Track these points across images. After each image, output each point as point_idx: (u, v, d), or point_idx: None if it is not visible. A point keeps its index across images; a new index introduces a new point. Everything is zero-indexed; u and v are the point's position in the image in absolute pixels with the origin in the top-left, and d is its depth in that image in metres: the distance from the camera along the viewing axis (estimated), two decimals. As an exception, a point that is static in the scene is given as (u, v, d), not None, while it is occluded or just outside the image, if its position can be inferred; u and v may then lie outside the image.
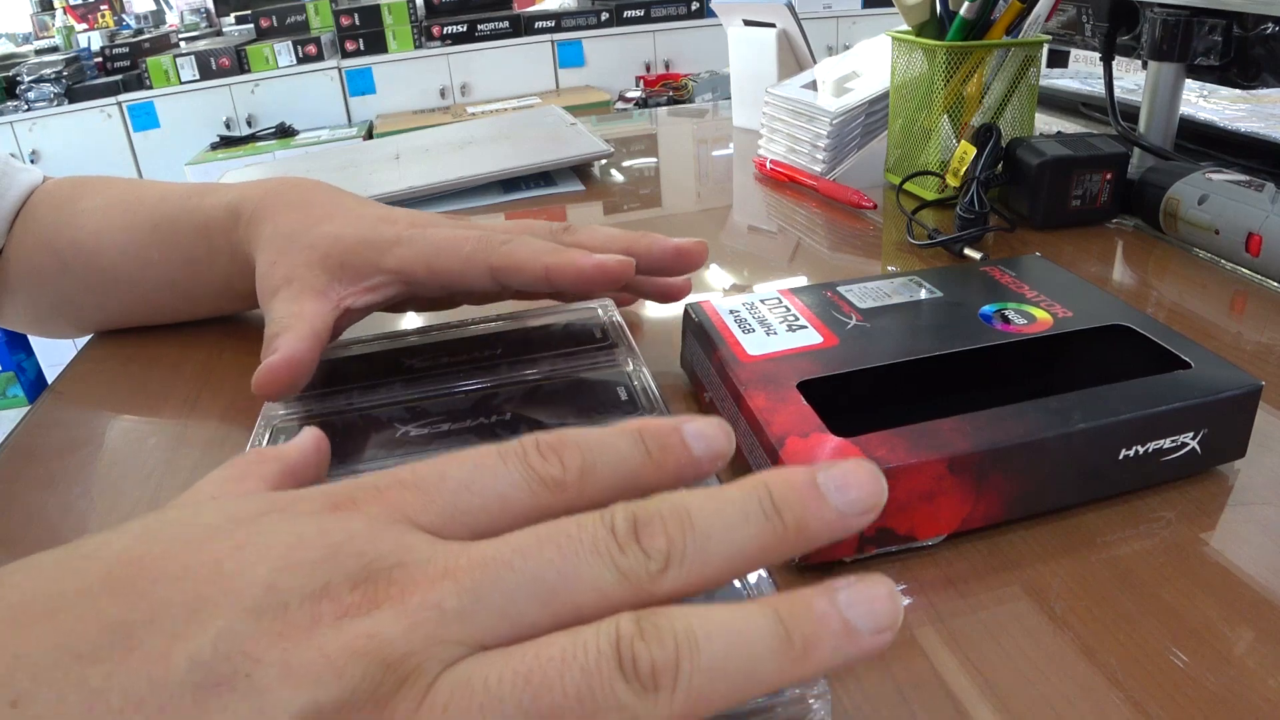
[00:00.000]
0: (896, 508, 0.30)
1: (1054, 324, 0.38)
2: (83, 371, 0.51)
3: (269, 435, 0.38)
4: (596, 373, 0.42)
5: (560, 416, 0.38)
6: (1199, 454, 0.33)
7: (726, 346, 0.38)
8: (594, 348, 0.44)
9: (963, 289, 0.42)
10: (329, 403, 0.41)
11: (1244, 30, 0.60)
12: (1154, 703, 0.25)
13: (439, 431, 0.38)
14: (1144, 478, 0.33)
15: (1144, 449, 0.32)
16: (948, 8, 0.64)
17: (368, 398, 0.41)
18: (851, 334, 0.38)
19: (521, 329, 0.47)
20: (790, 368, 0.36)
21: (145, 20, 3.68)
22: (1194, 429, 0.33)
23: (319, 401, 0.41)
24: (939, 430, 0.31)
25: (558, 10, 3.38)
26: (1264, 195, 0.51)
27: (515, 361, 0.43)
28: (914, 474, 0.30)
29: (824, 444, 0.31)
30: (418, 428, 0.38)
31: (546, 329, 0.47)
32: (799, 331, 0.39)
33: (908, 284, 0.43)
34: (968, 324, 0.39)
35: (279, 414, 0.40)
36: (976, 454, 0.30)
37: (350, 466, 0.35)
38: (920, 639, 0.28)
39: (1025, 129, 0.67)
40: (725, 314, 0.41)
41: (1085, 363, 0.39)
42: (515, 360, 0.43)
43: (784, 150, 0.79)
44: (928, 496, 0.30)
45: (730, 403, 0.36)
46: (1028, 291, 0.41)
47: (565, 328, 0.47)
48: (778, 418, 0.33)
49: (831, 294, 0.42)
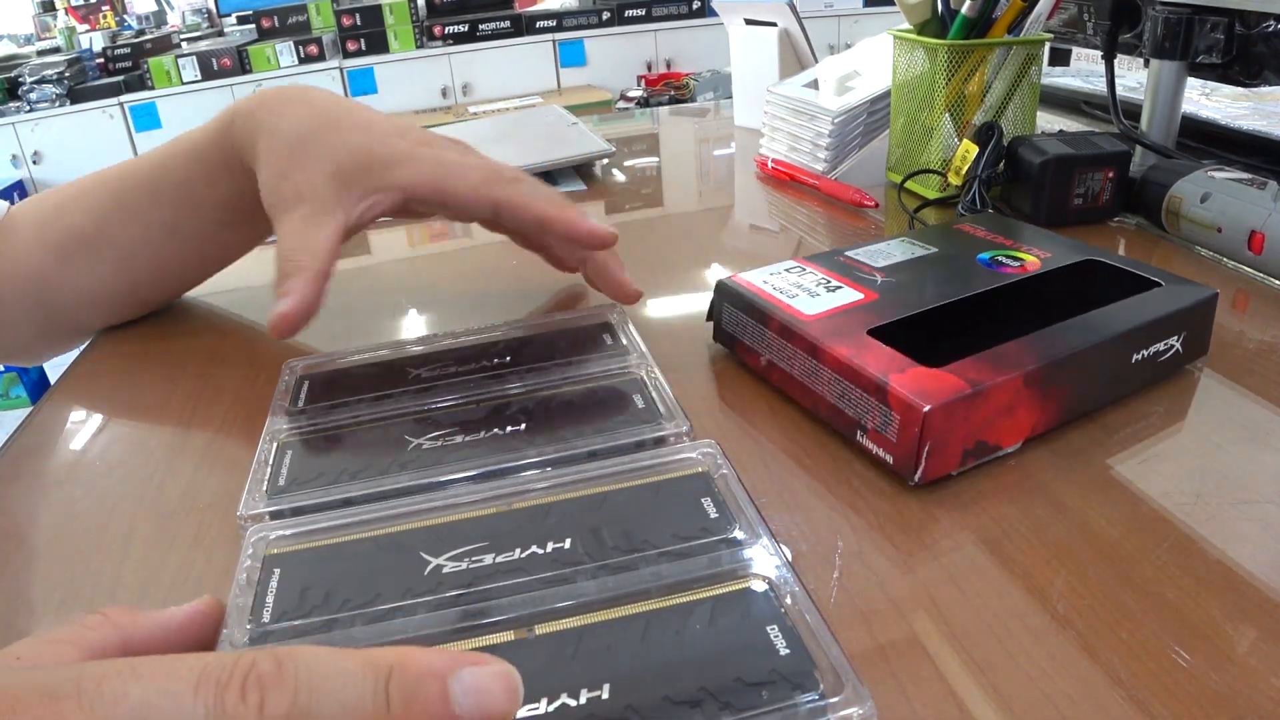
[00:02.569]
0: (989, 421, 0.35)
1: (1041, 264, 0.44)
2: (85, 372, 0.51)
3: (275, 449, 0.38)
4: (610, 379, 0.41)
5: (575, 425, 0.38)
6: (1181, 354, 0.41)
7: (782, 311, 0.41)
8: (605, 354, 0.43)
9: (951, 244, 0.48)
10: (335, 415, 0.40)
11: (1246, 28, 0.60)
12: (1156, 701, 0.25)
13: (452, 444, 0.37)
14: (1146, 376, 0.40)
15: (1148, 351, 0.39)
16: (949, 6, 0.63)
17: (376, 409, 0.40)
18: (885, 288, 0.43)
19: (531, 336, 0.46)
20: (853, 320, 0.40)
21: (147, 21, 3.68)
22: (1178, 332, 0.40)
23: (325, 415, 0.40)
24: (1007, 353, 0.36)
25: (559, 10, 3.38)
26: (1266, 193, 0.51)
27: (526, 369, 0.42)
28: (1001, 391, 0.35)
29: (921, 376, 0.35)
30: (430, 440, 0.37)
31: (556, 335, 0.46)
32: (838, 291, 0.43)
33: (902, 244, 0.48)
34: (975, 270, 0.44)
35: (284, 428, 0.39)
36: (1042, 368, 0.35)
37: (364, 482, 0.35)
38: (922, 639, 0.28)
39: (1027, 127, 0.67)
40: (761, 284, 0.44)
41: (1073, 292, 0.43)
42: (526, 368, 0.43)
43: (785, 149, 0.78)
44: (1010, 409, 0.35)
45: (804, 358, 0.39)
46: (1005, 240, 0.47)
47: (575, 333, 0.46)
48: (869, 361, 0.36)
49: (843, 258, 0.46)
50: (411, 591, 0.29)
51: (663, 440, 0.36)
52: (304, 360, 0.45)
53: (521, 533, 0.31)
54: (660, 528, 0.31)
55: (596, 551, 0.30)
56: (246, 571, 0.30)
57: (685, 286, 0.57)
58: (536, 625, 0.27)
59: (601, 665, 0.25)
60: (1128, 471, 0.35)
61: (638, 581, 0.28)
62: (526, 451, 0.36)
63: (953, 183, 0.64)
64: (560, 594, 0.28)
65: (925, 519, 0.33)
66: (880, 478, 0.36)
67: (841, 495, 0.35)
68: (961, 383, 0.34)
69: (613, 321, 0.47)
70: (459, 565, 0.30)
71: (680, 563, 0.29)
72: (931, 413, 0.33)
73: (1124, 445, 0.37)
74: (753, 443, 0.39)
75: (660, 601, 0.27)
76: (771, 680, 0.24)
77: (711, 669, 0.25)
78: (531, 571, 0.29)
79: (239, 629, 0.27)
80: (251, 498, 0.35)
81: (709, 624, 0.26)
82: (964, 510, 0.34)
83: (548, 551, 0.30)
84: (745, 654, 0.25)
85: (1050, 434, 0.37)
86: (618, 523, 0.31)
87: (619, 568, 0.29)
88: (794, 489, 0.35)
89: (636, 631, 0.26)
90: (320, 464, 0.36)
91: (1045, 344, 0.37)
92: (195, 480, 0.39)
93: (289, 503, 0.34)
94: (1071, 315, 0.39)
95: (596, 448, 0.36)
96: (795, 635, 0.26)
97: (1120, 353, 0.38)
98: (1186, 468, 0.35)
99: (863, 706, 0.23)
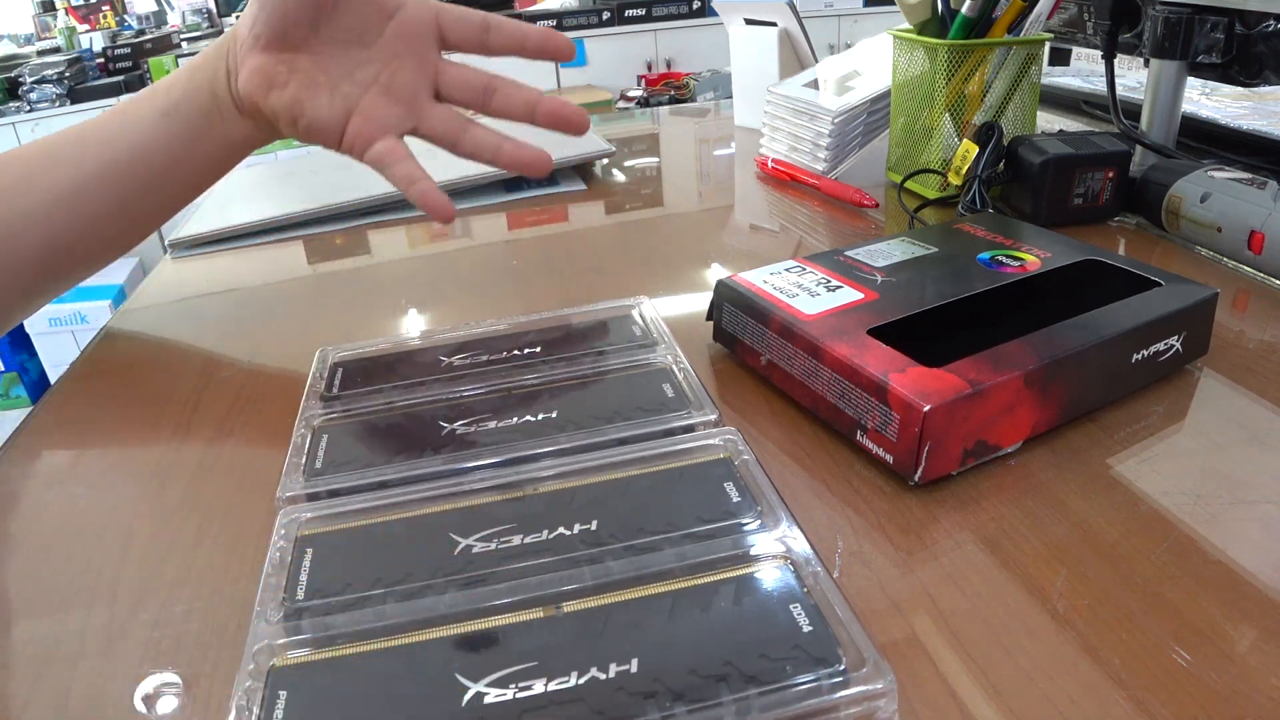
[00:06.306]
0: (989, 421, 0.35)
1: (1041, 264, 0.44)
2: (85, 372, 0.51)
3: (310, 435, 0.38)
4: (639, 369, 0.42)
5: (606, 413, 0.38)
6: (1180, 353, 0.40)
7: (782, 311, 0.41)
8: (633, 343, 0.44)
9: (951, 244, 0.48)
10: (369, 402, 0.41)
11: (1246, 28, 0.60)
12: (1156, 701, 0.25)
13: (485, 430, 0.38)
14: (1146, 376, 0.40)
15: (1148, 351, 0.39)
16: (949, 6, 0.63)
17: (409, 396, 0.41)
18: (885, 288, 0.43)
19: (560, 326, 0.47)
20: (852, 320, 0.40)
21: (147, 21, 3.68)
22: (1178, 332, 0.40)
23: (359, 401, 0.41)
24: (1008, 353, 0.36)
25: (559, 10, 3.38)
26: (1266, 193, 0.51)
27: (556, 359, 0.43)
28: (1001, 390, 0.34)
29: (922, 376, 0.35)
30: (463, 426, 0.38)
31: (585, 325, 0.47)
32: (838, 291, 0.43)
33: (902, 244, 0.48)
34: (975, 269, 0.44)
35: (319, 414, 0.40)
36: (1042, 367, 0.35)
37: (398, 466, 0.35)
38: (921, 638, 0.28)
39: (1027, 127, 0.67)
40: (761, 284, 0.44)
41: (1073, 292, 0.43)
42: (556, 357, 0.43)
43: (786, 149, 0.78)
44: (1010, 409, 0.35)
45: (804, 357, 0.39)
46: (1005, 240, 0.47)
47: (603, 324, 0.47)
48: (870, 361, 0.36)
49: (843, 258, 0.46)
50: (441, 570, 0.29)
51: (692, 428, 0.37)
52: (337, 348, 0.45)
53: (549, 515, 0.32)
54: (684, 511, 0.31)
55: (622, 533, 0.30)
56: (280, 551, 0.30)
57: (685, 286, 0.57)
58: (564, 604, 0.27)
59: (629, 641, 0.26)
60: (1128, 471, 0.35)
61: (663, 562, 0.29)
62: (557, 438, 0.37)
63: (953, 183, 0.64)
64: (587, 574, 0.29)
65: (925, 519, 0.33)
66: (880, 477, 0.36)
67: (841, 495, 0.35)
68: (961, 382, 0.34)
69: (639, 312, 0.47)
70: (488, 546, 0.30)
71: (704, 544, 0.30)
72: (931, 412, 0.33)
73: (1124, 445, 0.37)
74: (753, 442, 0.39)
75: (685, 581, 0.28)
76: (795, 656, 0.25)
77: (736, 645, 0.25)
78: (559, 552, 0.30)
79: (273, 606, 0.28)
80: (289, 480, 0.35)
81: (733, 602, 0.27)
82: (964, 510, 0.34)
83: (575, 533, 0.31)
84: (769, 631, 0.26)
85: (1050, 434, 0.37)
86: (643, 506, 0.32)
87: (644, 549, 0.30)
88: (794, 489, 0.35)
89: (663, 609, 0.27)
90: (356, 448, 0.37)
91: (1045, 344, 0.37)
92: (196, 477, 0.39)
93: (325, 485, 0.35)
94: (1071, 315, 0.39)
95: (626, 435, 0.37)
96: (817, 613, 0.26)
97: (1120, 352, 0.38)
98: (1186, 468, 0.35)
99: (884, 681, 0.24)
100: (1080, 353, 0.37)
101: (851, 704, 0.23)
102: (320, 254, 0.69)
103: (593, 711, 0.24)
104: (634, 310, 0.47)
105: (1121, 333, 0.38)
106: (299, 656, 0.26)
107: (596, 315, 0.48)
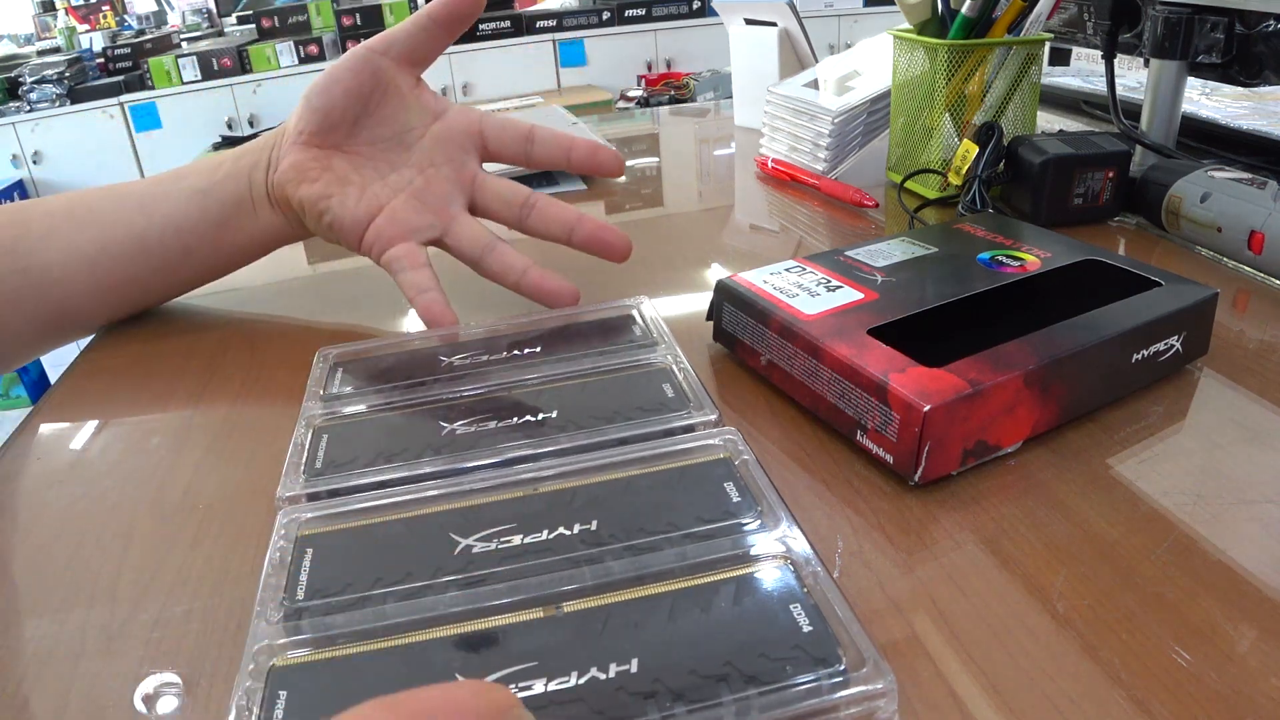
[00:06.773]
0: (989, 421, 0.35)
1: (1042, 264, 0.44)
2: (86, 371, 0.51)
3: (310, 435, 0.38)
4: (639, 369, 0.42)
5: (606, 413, 0.38)
6: (1181, 354, 0.41)
7: (782, 311, 0.41)
8: (633, 343, 0.44)
9: (951, 244, 0.48)
10: (369, 401, 0.41)
11: (1246, 28, 0.60)
12: (1156, 701, 0.25)
13: (485, 430, 0.38)
14: (1146, 376, 0.40)
15: (1148, 351, 0.39)
16: (949, 6, 0.63)
17: (409, 395, 0.41)
18: (885, 288, 0.43)
19: (560, 326, 0.47)
20: (852, 320, 0.40)
21: (147, 21, 3.68)
22: (1178, 332, 0.40)
23: (359, 401, 0.41)
24: (1007, 353, 0.36)
25: (559, 9, 3.38)
26: (1266, 193, 0.51)
27: (556, 358, 0.43)
28: (1001, 390, 0.35)
29: (922, 376, 0.35)
30: (463, 426, 0.38)
31: (585, 325, 0.47)
32: (838, 291, 0.43)
33: (902, 244, 0.48)
34: (975, 269, 0.44)
35: (319, 413, 0.40)
36: (1042, 367, 0.35)
37: (398, 466, 0.35)
38: (921, 638, 0.28)
39: (1027, 127, 0.67)
40: (761, 284, 0.44)
41: (1073, 292, 0.43)
42: (556, 357, 0.43)
43: (786, 149, 0.78)
44: (1010, 409, 0.35)
45: (804, 357, 0.39)
46: (1005, 240, 0.47)
47: (604, 324, 0.47)
48: (869, 361, 0.36)
49: (843, 258, 0.46)
50: (442, 570, 0.29)
51: (692, 428, 0.37)
52: (337, 348, 0.45)
53: (549, 515, 0.32)
54: (684, 511, 0.31)
55: (622, 533, 0.30)
56: (280, 551, 0.30)
57: (685, 286, 0.57)
58: (564, 603, 0.27)
59: (629, 641, 0.26)
60: (1128, 471, 0.35)
61: (663, 562, 0.29)
62: (557, 438, 0.37)
63: (953, 183, 0.64)
64: (587, 574, 0.29)
65: (925, 518, 0.33)
66: (880, 477, 0.36)
67: (841, 495, 0.35)
68: (961, 382, 0.34)
69: (639, 312, 0.47)
70: (488, 545, 0.30)
71: (704, 544, 0.29)
72: (931, 412, 0.33)
73: (1124, 445, 0.37)
74: (753, 442, 0.39)
75: (685, 581, 0.28)
76: (795, 656, 0.25)
77: (736, 645, 0.25)
78: (559, 552, 0.30)
79: (273, 606, 0.28)
80: (289, 480, 0.35)
81: (733, 602, 0.27)
82: (964, 510, 0.34)
83: (575, 533, 0.31)
84: (769, 631, 0.26)
85: (1050, 434, 0.37)
86: (643, 506, 0.32)
87: (644, 548, 0.30)
88: (794, 489, 0.35)
89: (663, 609, 0.27)
90: (356, 448, 0.37)
91: (1045, 344, 0.37)
92: (197, 477, 0.39)
93: (325, 485, 0.35)
94: (1071, 315, 0.39)
95: (627, 435, 0.37)
96: (817, 613, 0.26)
97: (1120, 352, 0.38)
98: (1186, 468, 0.35)
99: (884, 681, 0.23)
100: (1080, 353, 0.37)
101: (851, 704, 0.23)
102: (320, 254, 0.69)
103: (593, 711, 0.24)
104: (634, 310, 0.47)
105: (1121, 333, 0.38)
106: (299, 656, 0.26)
107: (596, 315, 0.47)
